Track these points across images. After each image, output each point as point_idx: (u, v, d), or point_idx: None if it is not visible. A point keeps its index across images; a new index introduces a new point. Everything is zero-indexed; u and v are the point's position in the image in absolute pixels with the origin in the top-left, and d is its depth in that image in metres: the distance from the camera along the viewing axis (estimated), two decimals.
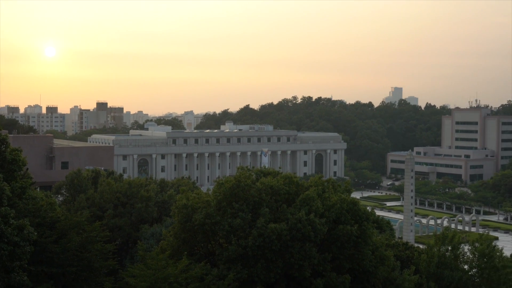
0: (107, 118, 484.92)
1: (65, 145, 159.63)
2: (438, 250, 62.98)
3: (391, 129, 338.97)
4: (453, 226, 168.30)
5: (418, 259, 63.77)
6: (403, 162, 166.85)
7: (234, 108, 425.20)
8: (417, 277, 56.63)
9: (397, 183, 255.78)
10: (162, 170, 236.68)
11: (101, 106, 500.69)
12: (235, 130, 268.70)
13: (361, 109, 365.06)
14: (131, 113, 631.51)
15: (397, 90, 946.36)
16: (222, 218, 48.91)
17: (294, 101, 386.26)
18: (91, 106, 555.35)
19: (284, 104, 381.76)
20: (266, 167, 59.77)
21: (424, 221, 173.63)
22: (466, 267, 64.85)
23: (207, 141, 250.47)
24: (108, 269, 55.90)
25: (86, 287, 52.65)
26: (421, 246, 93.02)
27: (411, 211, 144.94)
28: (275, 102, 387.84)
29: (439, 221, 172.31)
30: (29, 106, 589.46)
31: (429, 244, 64.97)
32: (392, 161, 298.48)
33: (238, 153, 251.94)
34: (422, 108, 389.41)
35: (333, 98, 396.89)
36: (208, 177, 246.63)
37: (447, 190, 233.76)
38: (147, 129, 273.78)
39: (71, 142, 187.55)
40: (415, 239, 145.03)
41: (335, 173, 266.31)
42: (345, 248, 49.11)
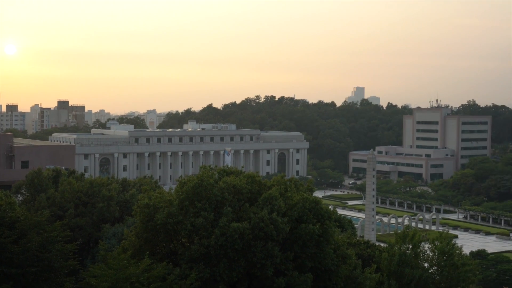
0: (69, 117, 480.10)
1: (25, 144, 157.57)
2: (399, 249, 63.54)
3: (353, 129, 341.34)
4: (414, 225, 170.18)
5: (379, 258, 64.27)
6: (365, 161, 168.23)
7: (197, 107, 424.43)
8: (378, 276, 57.09)
9: (359, 182, 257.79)
10: (124, 169, 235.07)
11: (63, 105, 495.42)
12: (198, 129, 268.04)
13: (324, 109, 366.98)
14: (93, 112, 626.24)
15: (359, 90, 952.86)
16: (185, 218, 48.74)
17: (257, 100, 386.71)
18: (52, 105, 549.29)
19: (247, 103, 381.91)
20: (229, 166, 59.67)
21: (386, 220, 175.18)
22: (426, 265, 65.55)
23: (170, 140, 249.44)
24: (69, 269, 55.29)
25: None
26: (383, 245, 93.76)
27: (373, 210, 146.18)
28: (238, 101, 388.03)
29: (400, 220, 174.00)
30: None
31: (390, 243, 65.53)
32: (354, 160, 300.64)
33: (201, 152, 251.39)
34: (384, 108, 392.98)
35: (296, 98, 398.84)
36: (171, 176, 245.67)
37: (408, 189, 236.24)
38: (109, 128, 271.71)
39: (32, 141, 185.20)
40: (377, 238, 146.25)
41: (298, 172, 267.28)
42: (307, 247, 49.26)
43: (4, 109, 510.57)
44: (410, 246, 64.38)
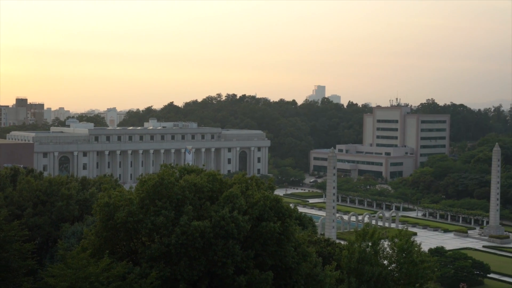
0: (27, 115, 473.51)
1: None
2: (359, 246, 63.96)
3: (314, 127, 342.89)
4: (374, 222, 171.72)
5: (340, 255, 64.65)
6: (326, 160, 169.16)
7: (158, 105, 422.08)
8: (339, 273, 57.46)
9: (320, 180, 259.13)
10: (84, 168, 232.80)
11: (21, 102, 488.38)
12: (159, 127, 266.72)
13: (285, 107, 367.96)
14: (52, 110, 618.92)
15: (321, 89, 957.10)
16: (145, 216, 48.47)
17: (219, 99, 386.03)
18: (11, 102, 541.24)
19: (209, 102, 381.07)
20: (190, 165, 59.45)
21: (346, 218, 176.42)
22: (386, 262, 66.09)
23: (130, 139, 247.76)
24: (27, 269, 54.62)
25: None
26: (343, 242, 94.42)
27: (333, 208, 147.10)
28: (200, 100, 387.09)
29: (360, 218, 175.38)
30: None
31: (350, 240, 65.92)
32: (315, 159, 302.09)
33: (162, 151, 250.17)
34: (345, 106, 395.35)
35: (258, 96, 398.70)
36: (131, 175, 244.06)
37: (368, 187, 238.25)
38: (69, 126, 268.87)
39: None
40: (337, 235, 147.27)
41: (259, 171, 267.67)
42: (268, 245, 49.36)
43: None
44: (370, 244, 64.83)
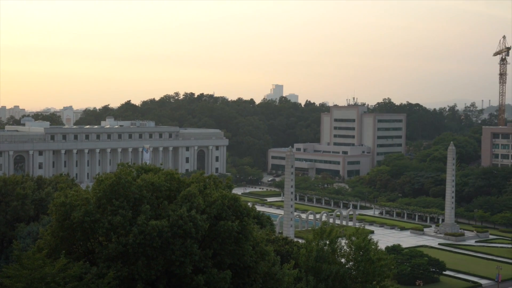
0: None
1: None
2: (317, 245, 64.38)
3: (272, 126, 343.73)
4: (331, 221, 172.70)
5: (298, 254, 65.00)
6: (284, 159, 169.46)
7: (115, 104, 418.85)
8: (297, 271, 57.71)
9: (278, 179, 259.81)
10: (40, 167, 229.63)
11: None
12: (116, 126, 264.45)
13: (243, 106, 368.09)
14: (7, 108, 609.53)
15: (278, 88, 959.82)
16: (102, 216, 48.06)
17: (176, 97, 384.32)
18: None
19: (166, 100, 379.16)
20: (148, 164, 59.18)
21: (304, 216, 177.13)
22: (343, 261, 66.62)
23: (87, 137, 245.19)
24: None
25: None
26: (301, 241, 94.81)
27: (291, 207, 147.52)
28: (157, 98, 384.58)
29: (318, 216, 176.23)
30: None
31: (308, 239, 66.31)
32: (273, 157, 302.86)
33: (119, 150, 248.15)
34: (302, 106, 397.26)
35: (216, 95, 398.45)
36: (88, 174, 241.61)
37: (326, 186, 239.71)
38: (24, 125, 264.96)
39: None
40: (295, 234, 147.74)
41: (217, 169, 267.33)
42: (226, 244, 49.35)
43: None
44: (328, 242, 65.30)
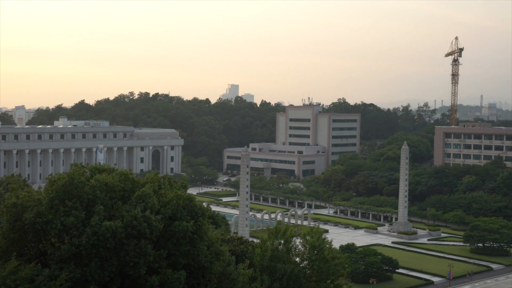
0: None
1: None
2: (272, 244, 64.59)
3: (228, 126, 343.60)
4: (287, 220, 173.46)
5: (252, 253, 65.09)
6: (239, 158, 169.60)
7: (69, 103, 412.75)
8: (251, 271, 57.79)
9: (233, 179, 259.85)
10: None
11: None
12: (70, 126, 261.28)
13: (199, 106, 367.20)
14: None
15: (234, 87, 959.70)
16: (54, 217, 47.49)
17: (131, 97, 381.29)
18: None
19: (121, 100, 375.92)
20: (101, 164, 58.63)
21: (259, 216, 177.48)
22: (298, 260, 66.98)
23: (40, 137, 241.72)
24: None
25: None
26: (256, 241, 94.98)
27: (246, 206, 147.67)
28: (112, 98, 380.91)
29: (273, 216, 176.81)
30: None
31: (263, 238, 66.48)
32: (229, 157, 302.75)
33: (73, 150, 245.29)
34: (258, 105, 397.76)
35: (171, 94, 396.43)
36: (40, 175, 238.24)
37: (281, 185, 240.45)
38: None
39: None
40: (250, 234, 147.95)
41: (172, 169, 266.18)
42: (181, 244, 49.20)
43: None
44: (282, 241, 65.58)
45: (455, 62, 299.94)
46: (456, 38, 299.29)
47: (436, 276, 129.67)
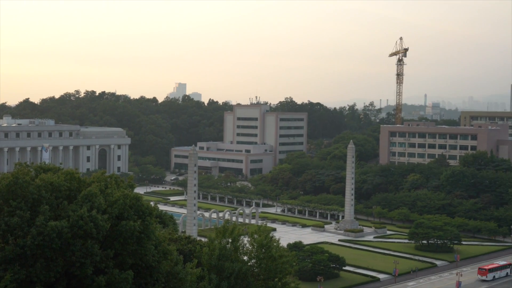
0: None
1: None
2: (219, 243, 64.66)
3: (175, 124, 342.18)
4: (234, 219, 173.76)
5: (200, 252, 65.05)
6: (187, 157, 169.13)
7: (13, 102, 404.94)
8: (199, 270, 57.78)
9: (181, 178, 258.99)
10: None
11: None
12: (14, 125, 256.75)
13: (146, 104, 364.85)
14: None
15: (181, 86, 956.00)
16: None
17: (77, 95, 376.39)
18: None
19: (67, 98, 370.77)
20: (47, 163, 57.84)
21: (207, 215, 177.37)
22: (246, 258, 67.20)
23: None
24: None
25: None
26: (204, 239, 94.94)
27: (194, 205, 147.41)
28: (57, 96, 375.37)
29: (221, 214, 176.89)
30: None
31: (211, 237, 66.52)
32: (176, 156, 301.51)
33: (17, 149, 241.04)
34: (206, 104, 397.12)
35: (118, 93, 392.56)
36: None
37: (229, 184, 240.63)
38: None
39: None
40: (198, 233, 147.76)
41: (119, 169, 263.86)
42: (128, 244, 48.91)
43: None
44: (230, 240, 65.72)
45: (400, 62, 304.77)
46: (401, 39, 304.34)
47: (382, 273, 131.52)
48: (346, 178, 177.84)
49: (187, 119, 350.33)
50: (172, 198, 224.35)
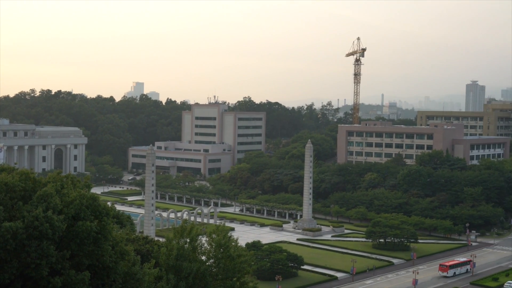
0: None
1: None
2: (177, 243, 64.28)
3: (133, 124, 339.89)
4: (193, 219, 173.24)
5: (158, 253, 64.61)
6: (145, 157, 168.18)
7: None
8: (157, 270, 57.32)
9: (139, 178, 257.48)
10: None
11: None
12: None
13: (103, 104, 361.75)
14: None
15: (139, 85, 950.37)
16: None
17: (32, 94, 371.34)
18: None
19: (22, 97, 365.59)
20: (1, 163, 56.90)
21: (165, 215, 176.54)
22: (204, 258, 66.94)
23: None
24: None
25: None
26: (162, 240, 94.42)
27: (152, 205, 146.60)
28: (12, 95, 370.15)
29: (179, 214, 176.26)
30: None
31: (169, 237, 66.11)
32: (134, 156, 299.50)
33: None
34: (163, 103, 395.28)
35: (74, 92, 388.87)
36: None
37: (187, 184, 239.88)
38: None
39: None
40: (156, 233, 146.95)
41: (76, 169, 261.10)
42: (85, 245, 48.33)
43: None
44: (188, 240, 65.36)
45: (357, 62, 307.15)
46: (358, 39, 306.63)
47: (340, 272, 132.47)
48: (304, 178, 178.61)
49: (145, 119, 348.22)
50: (130, 198, 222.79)
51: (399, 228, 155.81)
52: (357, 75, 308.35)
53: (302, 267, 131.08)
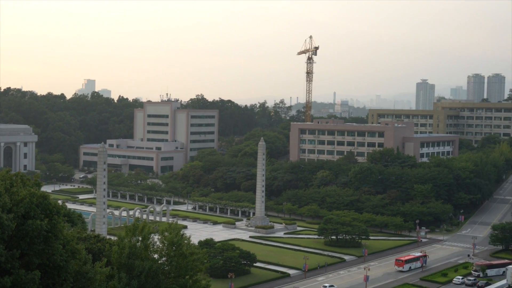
0: None
1: None
2: (129, 241, 63.97)
3: (84, 122, 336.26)
4: (145, 217, 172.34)
5: (110, 251, 64.21)
6: (96, 155, 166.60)
7: None
8: (109, 269, 56.98)
9: (90, 176, 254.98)
10: None
11: None
12: None
13: (53, 101, 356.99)
14: None
15: (90, 83, 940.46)
16: None
17: None
18: None
19: None
20: None
21: (117, 213, 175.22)
22: (156, 256, 66.76)
23: None
24: None
25: None
26: (113, 238, 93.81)
27: (104, 204, 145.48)
28: None
29: (131, 212, 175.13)
30: None
31: (121, 236, 65.75)
32: (85, 154, 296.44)
33: None
34: (115, 101, 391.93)
35: (24, 89, 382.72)
36: None
37: (140, 182, 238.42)
38: None
39: None
40: (108, 231, 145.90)
41: (26, 167, 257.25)
42: (35, 244, 47.80)
43: None
44: (140, 238, 65.12)
45: (310, 60, 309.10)
46: (311, 37, 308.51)
47: (292, 269, 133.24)
48: (257, 175, 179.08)
49: (96, 116, 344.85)
50: (81, 197, 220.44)
51: (351, 225, 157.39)
52: (310, 73, 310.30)
53: (255, 265, 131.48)
